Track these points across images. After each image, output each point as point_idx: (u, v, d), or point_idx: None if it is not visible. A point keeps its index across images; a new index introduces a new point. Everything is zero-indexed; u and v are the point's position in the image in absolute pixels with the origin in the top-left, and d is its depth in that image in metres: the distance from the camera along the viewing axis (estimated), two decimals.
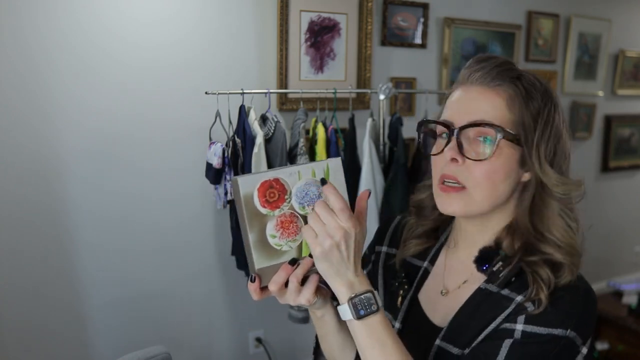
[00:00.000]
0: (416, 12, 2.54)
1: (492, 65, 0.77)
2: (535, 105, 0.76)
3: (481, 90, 0.77)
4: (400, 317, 0.87)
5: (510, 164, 0.76)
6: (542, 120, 0.76)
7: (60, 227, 1.94)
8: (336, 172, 0.77)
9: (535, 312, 0.72)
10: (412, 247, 0.90)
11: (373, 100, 2.40)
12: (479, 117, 0.75)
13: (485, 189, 0.76)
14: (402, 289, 0.89)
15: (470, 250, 0.84)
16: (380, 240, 0.99)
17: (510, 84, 0.76)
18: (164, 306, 2.17)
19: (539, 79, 0.79)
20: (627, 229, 3.74)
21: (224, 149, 1.89)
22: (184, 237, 2.17)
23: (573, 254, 0.76)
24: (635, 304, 3.01)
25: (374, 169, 2.06)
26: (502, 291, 0.77)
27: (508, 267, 0.78)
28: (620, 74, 3.43)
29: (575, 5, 3.13)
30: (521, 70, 0.79)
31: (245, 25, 2.14)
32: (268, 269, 0.72)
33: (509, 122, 0.75)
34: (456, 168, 0.77)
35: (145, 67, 1.99)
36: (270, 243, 0.72)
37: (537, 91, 0.77)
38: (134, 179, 2.03)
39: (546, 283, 0.73)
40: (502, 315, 0.75)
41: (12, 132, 1.82)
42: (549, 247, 0.76)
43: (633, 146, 3.63)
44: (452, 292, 0.84)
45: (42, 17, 1.81)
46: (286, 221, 0.73)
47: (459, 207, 0.78)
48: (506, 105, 0.75)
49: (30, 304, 1.92)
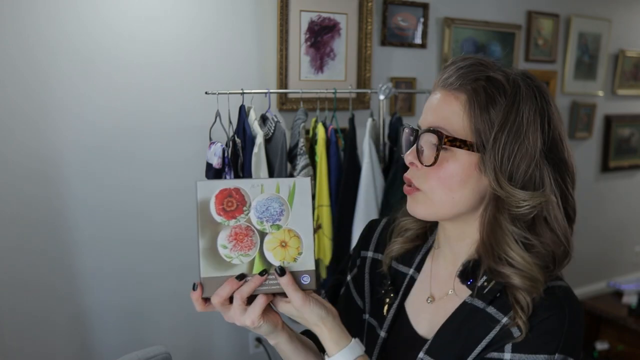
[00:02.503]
0: (416, 12, 2.54)
1: (457, 67, 0.75)
2: (496, 110, 0.72)
3: (444, 93, 0.76)
4: (385, 327, 0.86)
5: (465, 171, 0.74)
6: (498, 124, 0.71)
7: (59, 222, 1.94)
8: (302, 193, 0.72)
9: (520, 338, 0.70)
10: (396, 246, 0.89)
11: (373, 100, 2.41)
12: (437, 122, 0.75)
13: (441, 193, 0.75)
14: (389, 297, 0.87)
15: (454, 256, 0.83)
16: (365, 245, 0.96)
17: (470, 88, 0.73)
18: (164, 305, 2.17)
19: (511, 80, 0.73)
20: (627, 228, 3.74)
21: (224, 149, 1.89)
22: (184, 236, 2.17)
23: (532, 278, 0.72)
24: (635, 304, 3.01)
25: (374, 169, 2.06)
26: (487, 308, 0.75)
27: (492, 282, 0.76)
28: (620, 74, 3.43)
29: (575, 5, 3.13)
30: (494, 70, 0.74)
31: (246, 25, 2.14)
32: (213, 280, 0.69)
33: (465, 127, 0.73)
34: (414, 172, 0.78)
35: (145, 64, 1.99)
36: (220, 253, 0.70)
37: (502, 94, 0.72)
38: (133, 175, 2.03)
39: (524, 308, 0.71)
40: (487, 339, 0.73)
41: (12, 127, 1.82)
42: (506, 269, 0.73)
43: (633, 146, 3.63)
44: (438, 301, 0.83)
45: (42, 12, 1.81)
46: (241, 233, 0.70)
47: (421, 211, 0.78)
48: (463, 110, 0.73)
49: (29, 299, 1.92)
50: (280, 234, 0.72)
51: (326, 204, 2.02)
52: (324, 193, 2.01)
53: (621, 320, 2.95)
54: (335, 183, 2.05)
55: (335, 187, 2.05)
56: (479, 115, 0.72)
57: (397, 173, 2.08)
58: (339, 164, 2.05)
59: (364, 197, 2.04)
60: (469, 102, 0.73)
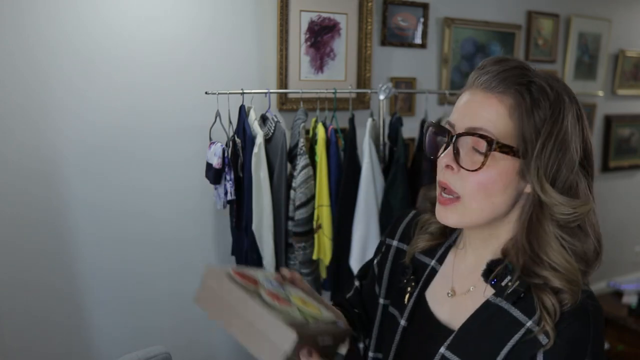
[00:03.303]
0: (416, 12, 2.54)
1: (499, 70, 0.73)
2: (541, 116, 0.71)
3: (485, 95, 0.73)
4: (406, 315, 0.87)
5: (507, 176, 0.73)
6: (546, 132, 0.71)
7: (59, 222, 1.94)
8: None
9: (548, 346, 0.70)
10: (421, 243, 0.90)
11: (373, 100, 2.40)
12: (479, 124, 0.72)
13: (480, 200, 0.74)
14: (410, 285, 0.88)
15: (477, 256, 0.83)
16: (392, 234, 0.98)
17: (516, 92, 0.72)
18: (164, 305, 2.17)
19: (552, 85, 0.73)
20: (627, 228, 3.74)
21: (224, 149, 1.89)
22: (184, 236, 2.17)
23: (572, 281, 0.71)
24: (635, 304, 3.01)
25: (374, 169, 2.06)
26: (512, 310, 0.75)
27: (516, 282, 0.75)
28: (620, 74, 3.43)
29: (575, 5, 3.13)
30: (535, 75, 0.74)
31: (246, 25, 2.14)
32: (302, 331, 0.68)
33: (509, 132, 0.72)
34: (451, 176, 0.75)
35: (145, 64, 1.99)
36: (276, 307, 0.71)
37: (546, 100, 0.72)
38: (133, 174, 2.03)
39: (551, 313, 0.70)
40: (511, 342, 0.73)
41: (12, 127, 1.82)
42: (545, 271, 0.72)
43: (633, 146, 3.63)
44: (459, 296, 0.83)
45: (42, 12, 1.81)
46: (273, 294, 0.73)
47: (454, 220, 0.77)
48: (508, 114, 0.72)
49: (29, 299, 1.92)
50: (295, 298, 0.78)
51: (326, 204, 2.02)
52: (324, 193, 2.01)
53: (621, 320, 2.95)
54: (335, 183, 2.05)
55: (335, 187, 2.05)
56: (525, 121, 0.71)
57: (397, 173, 2.08)
58: (339, 164, 2.05)
59: (364, 197, 2.04)
60: (516, 107, 0.71)
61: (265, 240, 1.98)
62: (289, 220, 2.02)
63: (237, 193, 1.95)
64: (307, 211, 2.01)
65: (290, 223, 2.02)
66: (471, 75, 0.78)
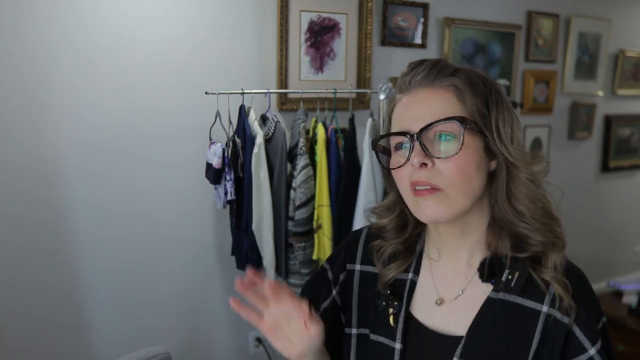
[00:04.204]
0: (416, 12, 2.54)
1: (429, 67, 0.77)
2: (482, 91, 0.77)
3: (428, 91, 0.76)
4: (399, 337, 0.82)
5: (477, 154, 0.75)
6: (493, 103, 0.77)
7: (59, 222, 1.94)
8: None
9: (574, 315, 0.76)
10: (392, 272, 0.86)
11: (373, 100, 2.41)
12: (434, 118, 0.74)
13: (461, 185, 0.74)
14: (392, 307, 0.84)
15: (454, 259, 0.83)
16: (351, 258, 0.92)
17: (453, 78, 0.76)
18: (164, 305, 2.17)
19: (474, 68, 0.80)
20: (627, 228, 3.74)
21: (224, 149, 1.89)
22: (184, 236, 2.17)
23: (553, 230, 0.78)
24: (635, 304, 3.01)
25: (374, 169, 2.06)
26: (521, 301, 0.76)
27: (516, 272, 0.77)
28: (620, 74, 3.43)
29: (575, 5, 3.13)
30: (455, 65, 0.80)
31: (246, 25, 2.14)
32: None
33: (464, 113, 0.75)
34: (426, 173, 0.74)
35: (145, 64, 1.99)
36: None
37: (478, 78, 0.78)
38: (133, 174, 2.03)
39: (563, 287, 0.76)
40: (537, 334, 0.75)
41: (12, 127, 1.82)
42: (528, 231, 0.77)
43: (633, 146, 3.63)
44: (450, 303, 0.82)
45: (42, 12, 1.81)
46: None
47: (440, 212, 0.74)
48: (457, 98, 0.75)
49: (29, 299, 1.92)
50: None
51: (326, 204, 2.02)
52: (324, 193, 2.01)
53: (621, 320, 2.95)
54: (335, 183, 2.05)
55: (335, 187, 2.05)
56: (473, 99, 0.76)
57: None
58: (339, 164, 2.05)
59: (364, 197, 2.04)
60: (459, 89, 0.76)
61: (265, 240, 1.99)
62: (289, 220, 2.02)
63: (237, 193, 1.95)
64: (307, 211, 2.01)
65: (290, 223, 2.02)
66: (399, 82, 0.80)
